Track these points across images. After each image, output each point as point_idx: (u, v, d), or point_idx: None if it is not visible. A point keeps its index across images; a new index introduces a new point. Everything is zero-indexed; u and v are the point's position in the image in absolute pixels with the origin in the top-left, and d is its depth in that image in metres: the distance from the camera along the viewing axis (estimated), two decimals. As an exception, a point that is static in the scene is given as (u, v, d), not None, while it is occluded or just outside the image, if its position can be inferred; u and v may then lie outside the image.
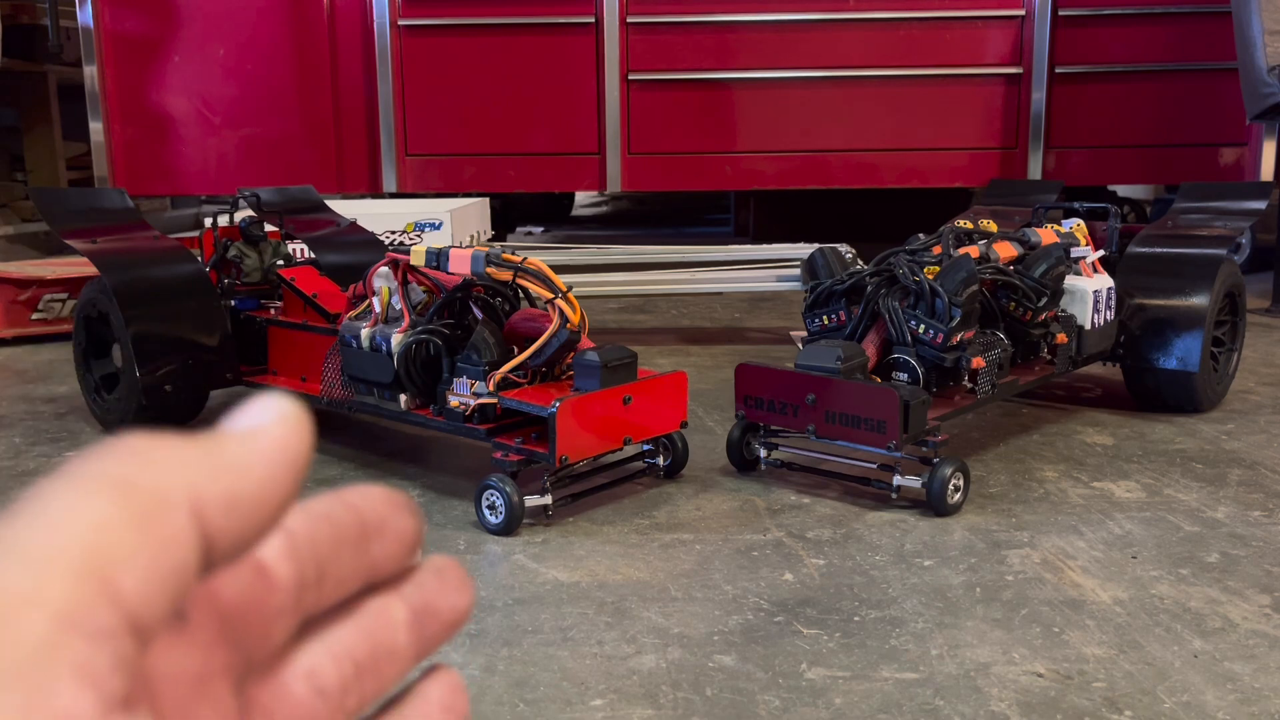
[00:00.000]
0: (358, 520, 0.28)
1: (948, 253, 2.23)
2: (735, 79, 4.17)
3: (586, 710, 1.37)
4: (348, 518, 0.27)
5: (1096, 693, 1.39)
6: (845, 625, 1.59)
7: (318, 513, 0.27)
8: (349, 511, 0.27)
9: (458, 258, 2.07)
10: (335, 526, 0.27)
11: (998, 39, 4.12)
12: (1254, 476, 2.23)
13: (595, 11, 4.09)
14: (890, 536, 1.93)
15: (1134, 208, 5.41)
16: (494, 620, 1.62)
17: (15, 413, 2.84)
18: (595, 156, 4.19)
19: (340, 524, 0.27)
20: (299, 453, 0.25)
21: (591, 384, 1.98)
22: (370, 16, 4.12)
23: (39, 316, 3.83)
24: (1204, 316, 2.59)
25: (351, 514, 0.27)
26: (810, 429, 2.08)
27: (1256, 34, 3.52)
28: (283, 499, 0.25)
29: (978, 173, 4.19)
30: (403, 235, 3.99)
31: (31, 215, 5.21)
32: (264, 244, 2.76)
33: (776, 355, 3.38)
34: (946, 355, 2.10)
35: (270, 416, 0.25)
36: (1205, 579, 1.74)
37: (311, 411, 0.28)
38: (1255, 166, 4.10)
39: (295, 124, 4.21)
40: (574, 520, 2.02)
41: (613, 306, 4.31)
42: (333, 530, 0.27)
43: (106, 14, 4.12)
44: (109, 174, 4.20)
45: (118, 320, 2.47)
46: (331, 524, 0.27)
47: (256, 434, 0.25)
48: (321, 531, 0.27)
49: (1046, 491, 2.15)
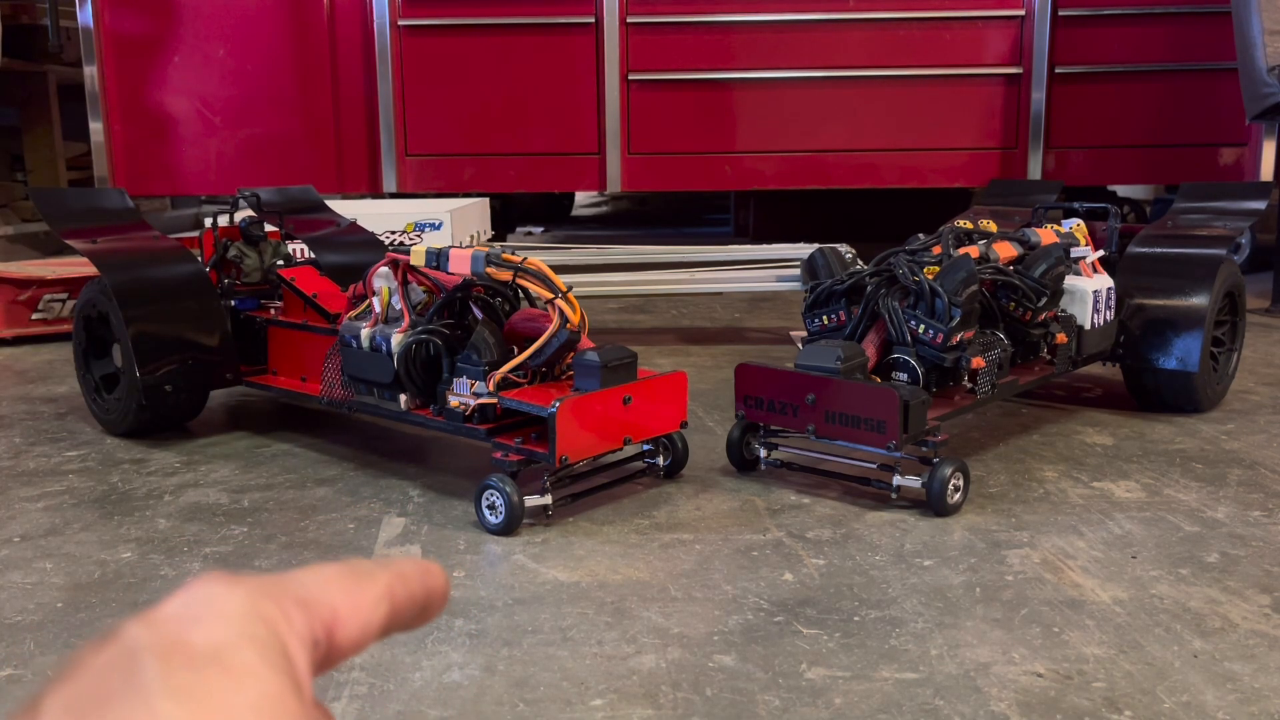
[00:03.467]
0: (426, 598, 0.39)
1: (948, 253, 2.23)
2: (735, 79, 4.17)
3: (586, 710, 1.37)
4: (420, 596, 0.39)
5: (1096, 693, 1.39)
6: (845, 625, 1.59)
7: (410, 592, 0.38)
8: (424, 593, 0.39)
9: (458, 258, 2.07)
10: (413, 601, 0.39)
11: (998, 39, 4.13)
12: (1254, 476, 2.23)
13: (595, 11, 4.09)
14: (890, 536, 1.93)
15: (1134, 208, 5.41)
16: (494, 620, 1.62)
17: (15, 413, 2.84)
18: (595, 156, 4.20)
19: (415, 600, 0.39)
20: (434, 590, 0.39)
21: (591, 384, 1.98)
22: (370, 16, 4.12)
23: (39, 316, 3.83)
24: (1204, 316, 2.59)
25: (424, 594, 0.39)
26: (810, 429, 2.08)
27: (1256, 34, 3.53)
28: (424, 603, 0.39)
29: (978, 173, 4.19)
30: (403, 235, 3.99)
31: (31, 215, 5.21)
32: (264, 244, 2.76)
33: (776, 355, 3.38)
34: (946, 355, 2.10)
35: (433, 566, 0.40)
36: (1205, 579, 1.74)
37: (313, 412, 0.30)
38: (1255, 166, 4.10)
39: (295, 124, 4.21)
40: (574, 520, 2.02)
41: (613, 306, 4.31)
42: (410, 605, 0.39)
43: (106, 14, 4.12)
44: (109, 174, 4.20)
45: (118, 320, 2.47)
46: (411, 601, 0.39)
47: (425, 569, 0.39)
48: (408, 606, 0.38)
49: (1046, 491, 2.15)
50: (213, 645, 0.30)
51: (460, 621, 1.62)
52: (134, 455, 2.45)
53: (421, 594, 0.38)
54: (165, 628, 0.31)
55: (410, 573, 0.38)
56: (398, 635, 1.57)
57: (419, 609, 0.38)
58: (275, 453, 2.47)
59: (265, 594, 0.33)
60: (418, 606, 0.38)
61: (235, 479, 2.28)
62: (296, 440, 2.56)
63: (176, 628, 0.31)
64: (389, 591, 0.37)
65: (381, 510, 2.09)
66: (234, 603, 0.32)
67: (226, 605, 0.32)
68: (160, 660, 0.29)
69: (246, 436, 2.59)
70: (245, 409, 2.86)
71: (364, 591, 0.36)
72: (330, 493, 2.19)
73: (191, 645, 0.30)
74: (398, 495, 2.17)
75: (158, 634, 0.31)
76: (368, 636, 0.36)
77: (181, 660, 0.30)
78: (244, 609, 0.32)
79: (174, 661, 0.29)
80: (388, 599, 0.37)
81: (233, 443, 2.54)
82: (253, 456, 2.44)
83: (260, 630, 0.32)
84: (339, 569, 0.37)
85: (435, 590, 0.39)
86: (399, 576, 0.38)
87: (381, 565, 0.38)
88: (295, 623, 0.33)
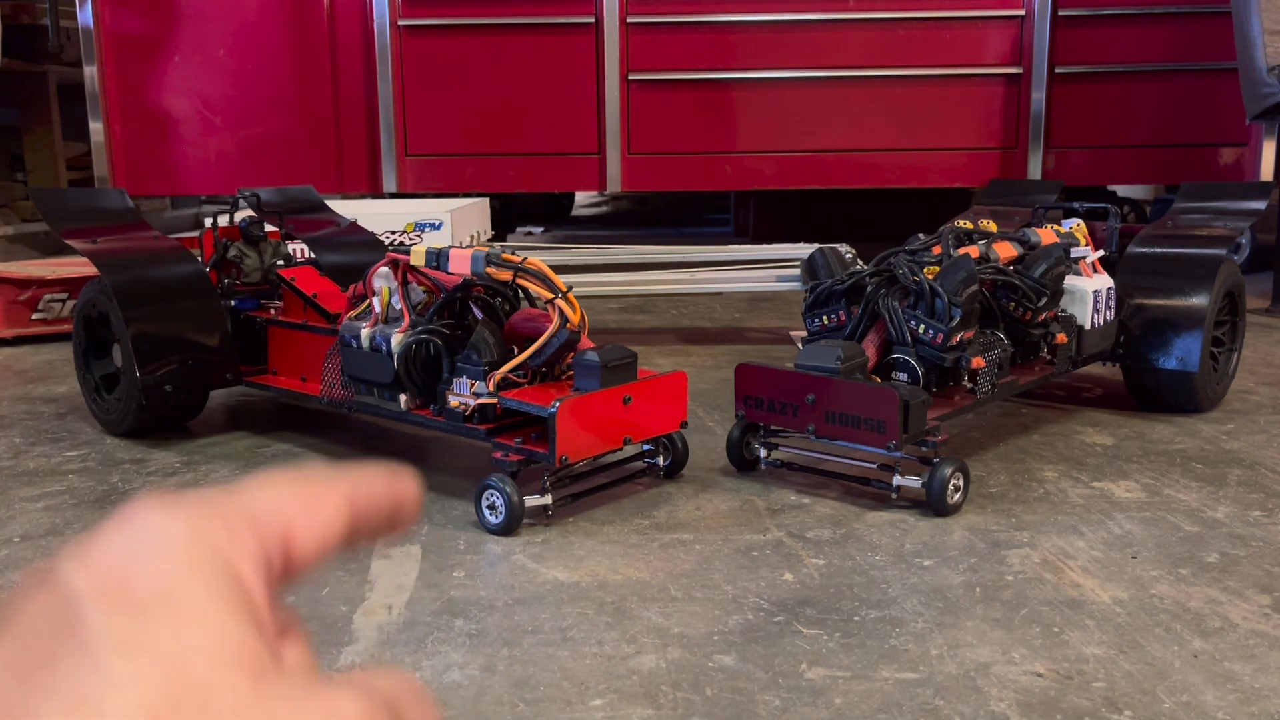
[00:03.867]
0: (393, 505, 0.36)
1: (948, 253, 2.23)
2: (735, 79, 4.17)
3: (586, 710, 1.37)
4: (387, 503, 0.36)
5: (1096, 693, 1.39)
6: (845, 625, 1.59)
7: (374, 500, 0.36)
8: (390, 499, 0.36)
9: (458, 258, 2.07)
10: (378, 508, 0.36)
11: (998, 39, 4.13)
12: (1254, 476, 2.23)
13: (595, 11, 4.09)
14: (890, 536, 1.93)
15: (1134, 208, 5.41)
16: (494, 620, 1.62)
17: (15, 413, 2.84)
18: (595, 156, 4.20)
19: (381, 507, 0.36)
20: (401, 496, 0.37)
21: (591, 384, 1.98)
22: (370, 16, 4.12)
23: (39, 316, 3.83)
24: (1204, 316, 2.59)
25: (390, 500, 0.36)
26: (810, 429, 2.08)
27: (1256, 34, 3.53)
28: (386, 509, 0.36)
29: (978, 173, 4.19)
30: (403, 235, 3.99)
31: (31, 215, 5.21)
32: (264, 244, 2.76)
33: (776, 355, 3.38)
34: (946, 355, 2.10)
35: (402, 471, 0.37)
36: (1205, 579, 1.74)
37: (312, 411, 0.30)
38: (1255, 166, 4.10)
39: (295, 124, 4.21)
40: (574, 520, 2.02)
41: (613, 306, 4.31)
42: (375, 512, 0.36)
43: (106, 14, 4.12)
44: (109, 174, 4.20)
45: (118, 320, 2.47)
46: (376, 508, 0.36)
47: (391, 473, 0.37)
48: (372, 515, 0.36)
49: (1046, 491, 2.15)
50: (158, 585, 0.28)
51: (460, 621, 1.62)
52: (134, 455, 2.45)
53: (387, 500, 0.36)
54: (104, 568, 0.29)
55: (374, 477, 0.36)
56: (395, 639, 1.57)
57: (386, 517, 0.36)
58: (275, 453, 2.47)
59: (210, 516, 0.30)
60: (384, 514, 0.36)
61: (235, 479, 2.28)
62: (296, 440, 2.56)
63: (117, 567, 0.29)
64: (349, 497, 0.34)
65: (381, 510, 2.09)
66: (176, 531, 0.30)
67: (168, 535, 0.29)
68: (103, 608, 0.27)
69: (246, 436, 2.59)
70: (245, 409, 2.86)
71: (320, 500, 0.34)
72: (330, 493, 2.19)
73: (134, 586, 0.28)
74: (398, 495, 2.17)
75: (97, 577, 0.28)
76: (328, 548, 0.34)
77: (126, 606, 0.27)
78: (187, 537, 0.29)
79: (118, 609, 0.27)
80: (348, 505, 0.34)
81: (233, 443, 2.54)
82: (253, 456, 2.44)
83: (208, 560, 0.29)
84: (292, 477, 0.34)
85: (403, 496, 0.36)
86: (361, 481, 0.35)
87: (342, 471, 0.36)
88: (245, 544, 0.31)
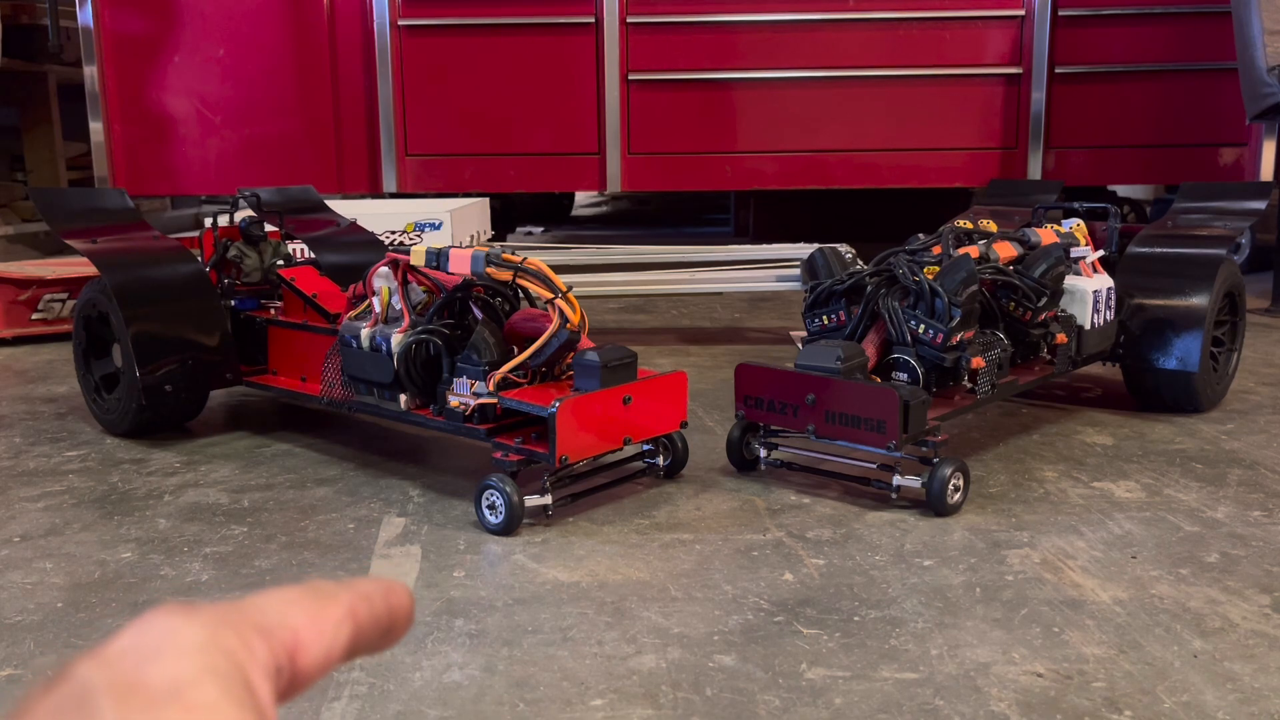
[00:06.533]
0: (390, 619, 0.39)
1: (948, 253, 2.23)
2: (735, 79, 4.17)
3: (586, 710, 1.37)
4: (385, 617, 0.38)
5: (1096, 693, 1.39)
6: (845, 625, 1.59)
7: (373, 613, 0.38)
8: (387, 613, 0.39)
9: (458, 258, 2.07)
10: (377, 622, 0.38)
11: (998, 39, 4.13)
12: (1254, 476, 2.23)
13: (595, 11, 4.09)
14: (890, 536, 1.93)
15: (1134, 208, 5.41)
16: (494, 620, 1.62)
17: (15, 413, 2.84)
18: (595, 156, 4.20)
19: (379, 621, 0.38)
20: (398, 609, 0.39)
21: (591, 384, 1.98)
22: (370, 16, 4.12)
23: (39, 316, 3.83)
24: (1204, 316, 2.59)
25: (387, 614, 0.39)
26: (810, 429, 2.08)
27: (1256, 34, 3.52)
28: (387, 623, 0.39)
29: (978, 173, 4.19)
30: (403, 235, 3.99)
31: (31, 215, 5.21)
32: (264, 244, 2.76)
33: (776, 355, 3.38)
34: (946, 355, 2.10)
35: (397, 585, 0.39)
36: (1205, 579, 1.74)
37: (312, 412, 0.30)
38: (1255, 166, 4.10)
39: (295, 124, 4.21)
40: (574, 520, 2.02)
41: (613, 306, 4.31)
42: (375, 625, 0.38)
43: (106, 14, 4.12)
44: (109, 174, 4.20)
45: (118, 320, 2.47)
46: (375, 622, 0.38)
47: (388, 588, 0.39)
48: (371, 628, 0.38)
49: (1046, 491, 2.15)
50: (171, 682, 0.29)
51: (460, 621, 1.62)
52: (134, 455, 2.45)
53: (385, 614, 0.38)
54: (120, 665, 0.29)
55: (374, 592, 0.38)
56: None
57: (383, 630, 0.38)
58: (275, 453, 2.47)
59: (224, 623, 0.32)
60: (382, 627, 0.38)
61: (235, 479, 2.28)
62: (296, 440, 2.56)
63: (132, 664, 0.30)
64: (352, 613, 0.36)
65: (381, 510, 2.09)
66: (192, 635, 0.31)
67: (184, 638, 0.31)
68: (116, 700, 0.28)
69: (246, 436, 2.59)
70: (245, 409, 2.86)
71: (326, 614, 0.35)
72: (330, 493, 2.19)
73: (149, 683, 0.29)
74: (398, 495, 2.17)
75: (112, 672, 0.29)
76: (331, 660, 0.35)
77: (139, 700, 0.28)
78: (203, 641, 0.31)
79: (131, 702, 0.28)
80: (351, 620, 0.36)
81: (233, 443, 2.54)
82: (253, 456, 2.44)
83: (220, 662, 0.30)
84: (299, 591, 0.36)
85: (399, 610, 0.38)
86: (362, 597, 0.37)
87: (343, 586, 0.37)
88: (257, 652, 0.32)
